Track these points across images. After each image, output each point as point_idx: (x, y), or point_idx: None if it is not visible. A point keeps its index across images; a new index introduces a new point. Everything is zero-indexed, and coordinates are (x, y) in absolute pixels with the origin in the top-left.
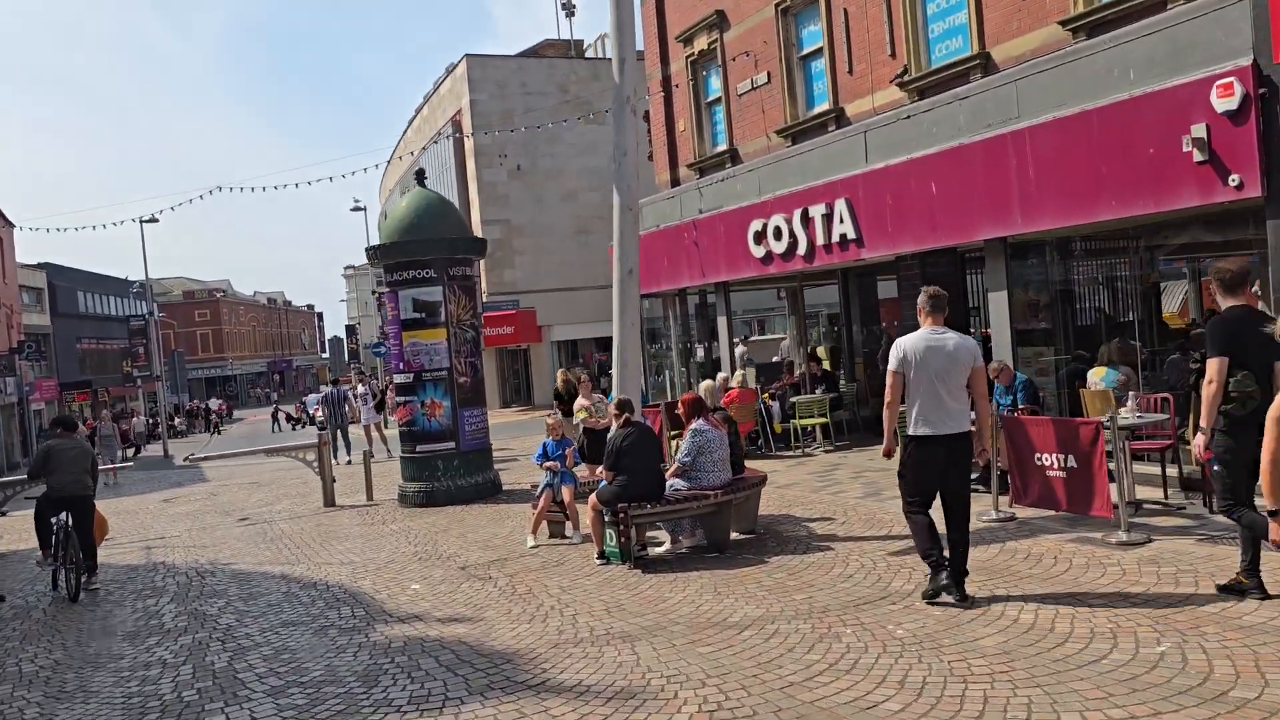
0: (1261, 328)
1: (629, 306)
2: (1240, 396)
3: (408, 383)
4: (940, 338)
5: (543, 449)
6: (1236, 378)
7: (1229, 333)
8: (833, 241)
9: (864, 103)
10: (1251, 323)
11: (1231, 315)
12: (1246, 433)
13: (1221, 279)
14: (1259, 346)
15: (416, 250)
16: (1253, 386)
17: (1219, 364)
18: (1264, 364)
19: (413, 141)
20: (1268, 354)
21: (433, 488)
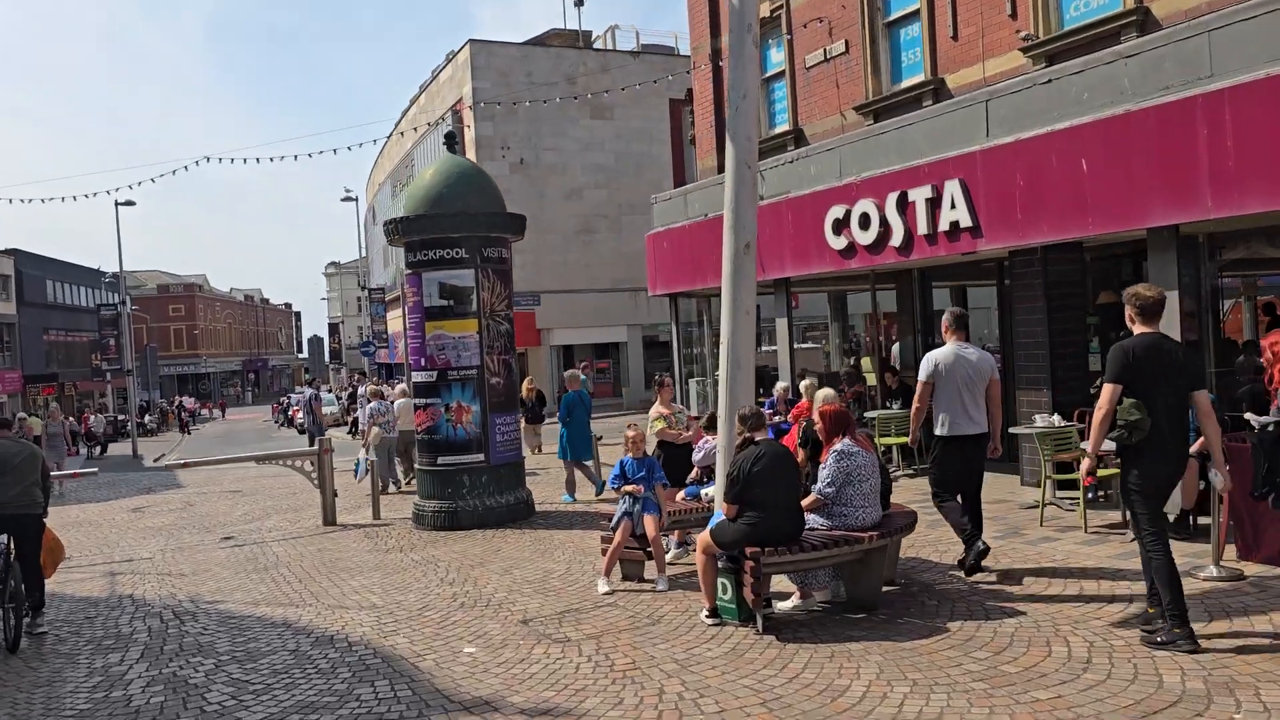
0: (1171, 354)
1: (743, 291)
2: (1125, 425)
3: (430, 382)
4: (965, 352)
5: (620, 468)
6: (1123, 406)
7: (1126, 361)
8: (939, 230)
9: (971, 72)
10: (1156, 351)
11: (1134, 343)
12: (1148, 462)
13: (1139, 305)
14: (1160, 376)
15: (446, 225)
16: (1137, 416)
17: (1112, 391)
18: (1169, 392)
19: (409, 133)
20: (1175, 383)
21: (457, 507)
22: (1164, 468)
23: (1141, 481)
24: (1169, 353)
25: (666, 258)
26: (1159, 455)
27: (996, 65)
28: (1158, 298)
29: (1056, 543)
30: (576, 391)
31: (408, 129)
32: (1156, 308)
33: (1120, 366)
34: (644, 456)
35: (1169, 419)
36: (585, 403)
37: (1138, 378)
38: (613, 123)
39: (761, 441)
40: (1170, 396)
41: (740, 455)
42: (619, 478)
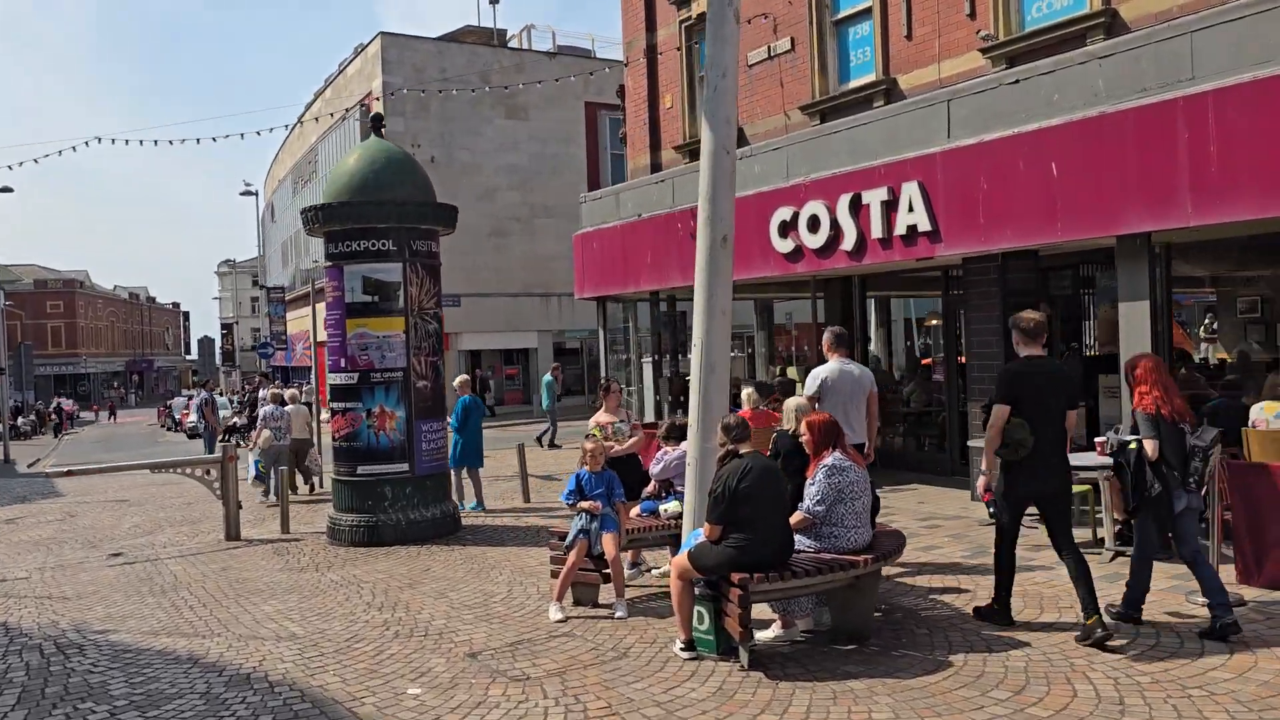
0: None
1: (719, 289)
2: (1012, 444)
3: (350, 385)
4: (848, 368)
5: (575, 482)
6: (1010, 425)
7: (1012, 383)
8: (895, 234)
9: (926, 73)
10: (1037, 372)
11: (1019, 366)
12: (1025, 476)
13: (1024, 329)
14: (1043, 396)
15: (372, 215)
16: (1023, 435)
17: (1000, 411)
18: (1051, 412)
19: (311, 127)
20: (1056, 402)
21: (378, 521)
22: (1038, 482)
23: (1012, 492)
24: (1051, 374)
25: (595, 259)
26: (1038, 469)
27: (953, 66)
28: (1041, 321)
29: (1031, 563)
30: (472, 397)
31: (311, 122)
32: (1041, 330)
33: (1007, 388)
34: (602, 470)
35: (1049, 437)
36: (480, 409)
37: (1023, 398)
38: (528, 123)
39: (747, 455)
40: (1051, 415)
41: (724, 470)
42: (574, 493)
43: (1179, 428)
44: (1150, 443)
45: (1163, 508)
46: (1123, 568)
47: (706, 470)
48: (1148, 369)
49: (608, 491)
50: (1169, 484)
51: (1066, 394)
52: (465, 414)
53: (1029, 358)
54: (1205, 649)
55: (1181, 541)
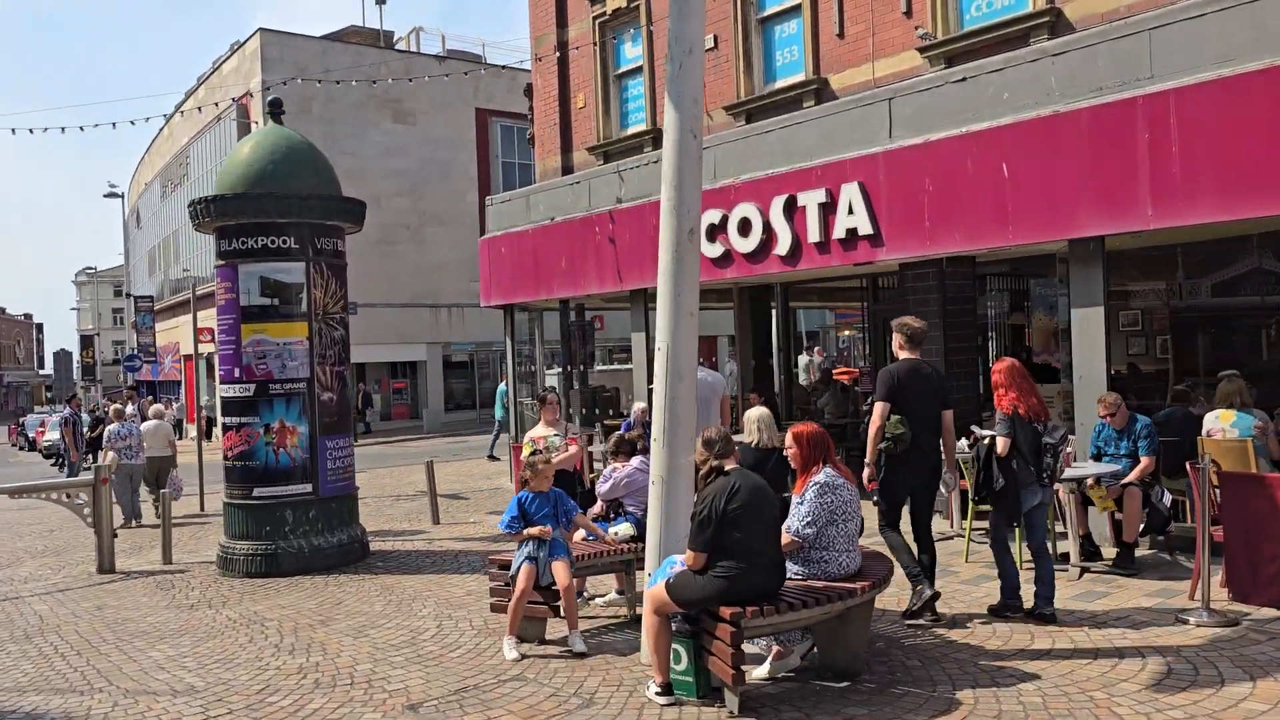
0: (929, 378)
1: (687, 286)
2: (893, 437)
3: (245, 398)
4: (703, 375)
5: (517, 507)
6: (891, 421)
7: (893, 383)
8: (833, 238)
9: (859, 73)
10: (916, 374)
11: (899, 367)
12: (902, 468)
13: (908, 334)
14: (920, 396)
15: (273, 209)
16: (903, 430)
17: (881, 408)
18: (926, 410)
19: (182, 127)
20: (931, 402)
21: (278, 549)
22: (915, 474)
23: (894, 483)
24: (927, 377)
25: (504, 265)
26: (915, 463)
27: (889, 66)
28: (923, 328)
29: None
30: None
31: (182, 122)
32: (922, 335)
33: (888, 388)
34: (546, 490)
35: (925, 433)
36: None
37: (902, 398)
38: (416, 128)
39: (733, 471)
40: (927, 414)
41: (708, 490)
42: (516, 519)
43: (1034, 426)
44: (1002, 440)
45: (1009, 500)
46: (1095, 584)
47: (675, 490)
48: (1004, 371)
49: (554, 512)
50: (1017, 479)
51: (941, 395)
52: None
53: (908, 360)
54: (1224, 677)
55: (1031, 532)
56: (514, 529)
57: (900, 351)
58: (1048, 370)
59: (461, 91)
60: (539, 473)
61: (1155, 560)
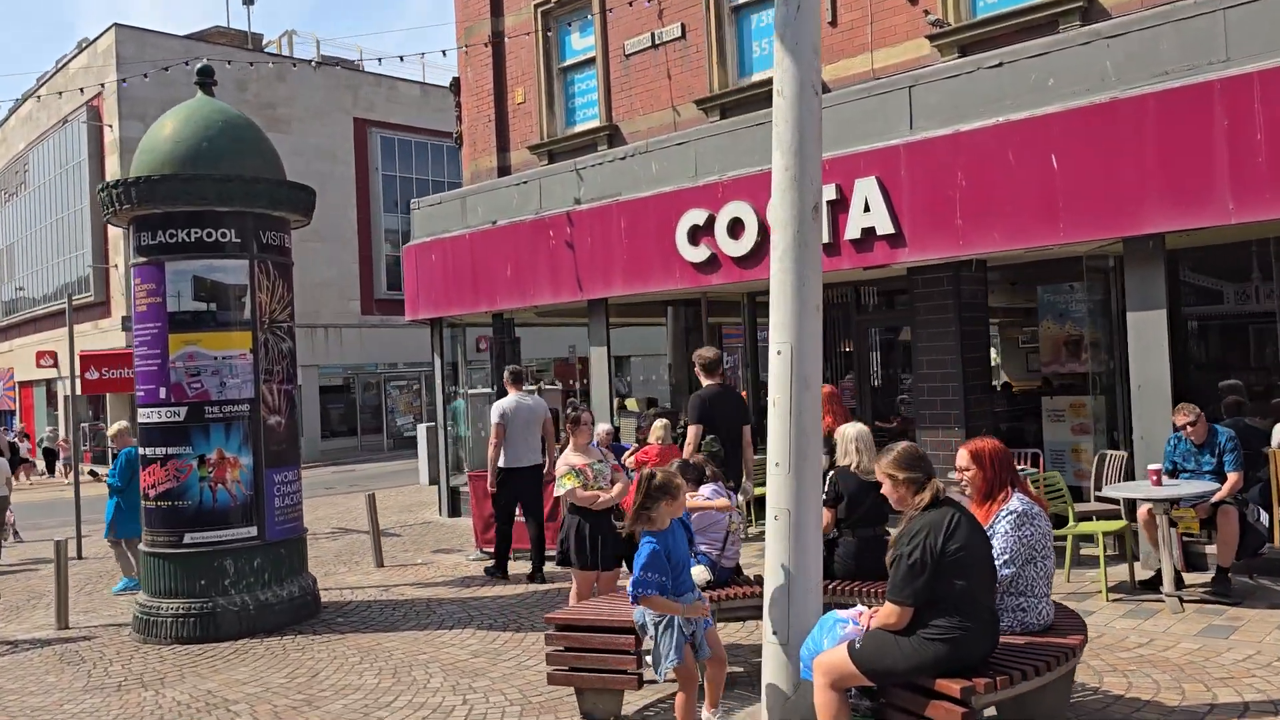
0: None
1: (810, 274)
2: (708, 455)
3: (174, 424)
4: (524, 400)
5: (655, 558)
6: (706, 440)
7: (703, 407)
8: (844, 239)
9: (855, 63)
10: (721, 397)
11: (707, 393)
12: None
13: (702, 364)
14: (726, 416)
15: (210, 194)
16: (717, 447)
17: (697, 430)
18: (732, 428)
19: (18, 131)
20: (736, 421)
21: (216, 608)
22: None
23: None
24: (730, 400)
25: (435, 274)
26: (729, 471)
27: (891, 56)
28: (716, 357)
29: (1094, 615)
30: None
31: (18, 126)
32: (718, 363)
33: (700, 411)
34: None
35: (730, 449)
36: None
37: (711, 419)
38: (290, 137)
39: (946, 504)
40: (733, 432)
41: (921, 524)
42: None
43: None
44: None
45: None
46: (1208, 616)
47: (804, 524)
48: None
49: (684, 560)
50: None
51: (741, 415)
52: (130, 468)
53: (711, 385)
54: None
55: None
56: (650, 590)
57: (703, 378)
58: (1055, 380)
59: (339, 100)
60: (669, 501)
61: (1241, 586)
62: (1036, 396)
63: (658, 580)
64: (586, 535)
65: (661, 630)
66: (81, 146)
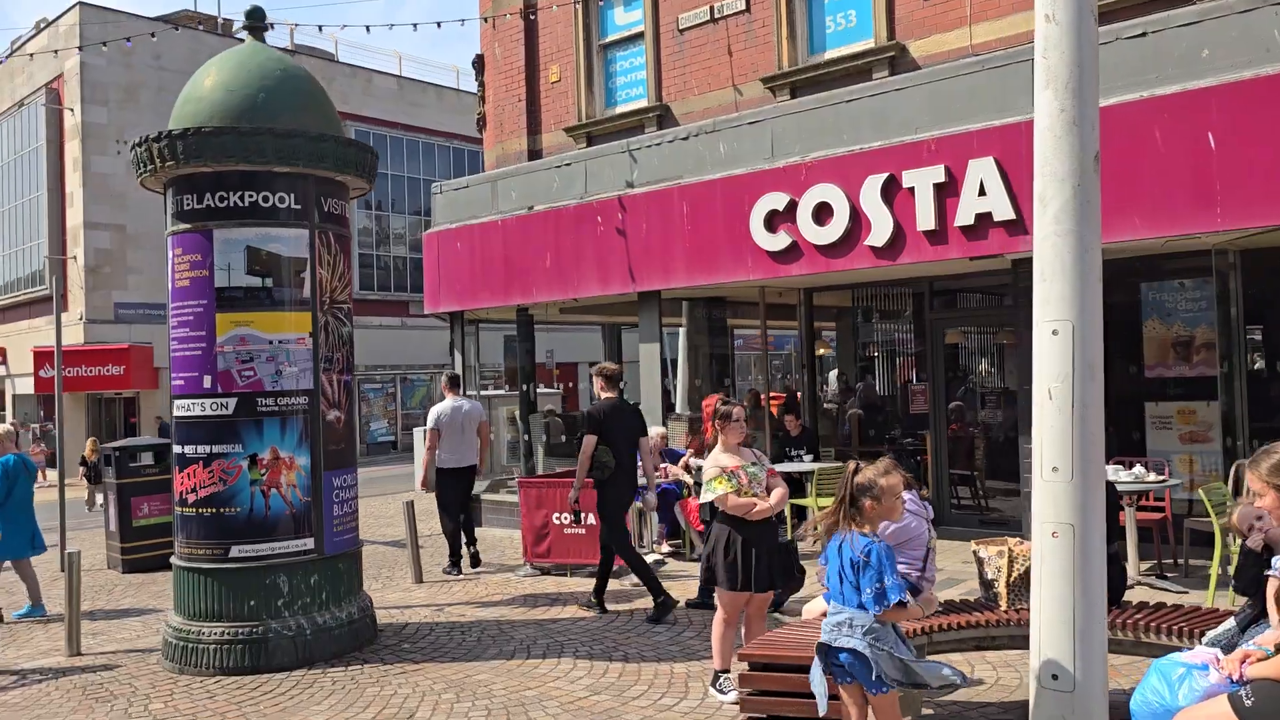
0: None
1: (1092, 236)
2: (598, 466)
3: (221, 418)
4: (460, 404)
5: (886, 557)
6: (598, 451)
7: (598, 419)
8: (953, 225)
9: (950, 38)
10: (618, 411)
11: (601, 406)
12: (613, 489)
13: (606, 376)
14: (621, 429)
15: (269, 151)
16: (608, 459)
17: (591, 441)
18: (627, 440)
19: None
20: (630, 434)
21: (269, 633)
22: (624, 492)
23: (612, 502)
24: (626, 412)
25: (460, 264)
26: (621, 483)
27: (995, 30)
28: (618, 371)
29: None
30: (19, 456)
31: None
32: (618, 378)
33: (594, 424)
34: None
35: (626, 458)
36: (31, 472)
37: (607, 431)
38: None
39: None
40: (628, 443)
41: None
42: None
43: None
44: None
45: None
46: None
47: (1089, 541)
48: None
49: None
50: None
51: (637, 426)
52: (9, 481)
53: (609, 399)
54: None
55: None
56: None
57: (602, 392)
58: (1164, 384)
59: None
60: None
61: None
62: (1136, 402)
63: (898, 584)
64: (738, 550)
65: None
66: (39, 131)
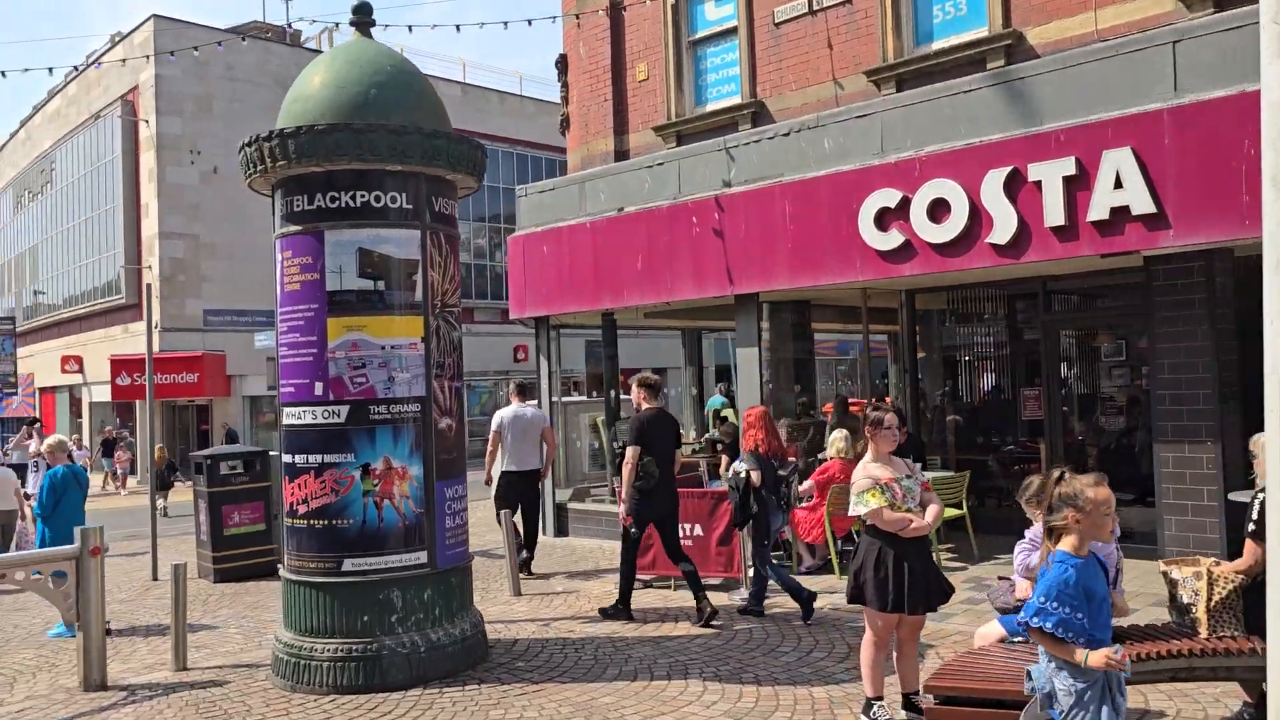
0: (668, 423)
1: None
2: (645, 475)
3: (333, 426)
4: (523, 410)
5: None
6: (644, 461)
7: (641, 429)
8: (1086, 220)
9: (1072, 24)
10: (659, 421)
11: (646, 415)
12: (651, 500)
13: (650, 386)
14: (663, 439)
15: (383, 149)
16: (654, 469)
17: (633, 451)
18: (665, 451)
19: (44, 130)
20: (670, 444)
21: (382, 650)
22: (660, 505)
23: (645, 512)
24: (667, 423)
25: (546, 268)
26: (661, 494)
27: (1122, 14)
28: (659, 381)
29: None
30: (68, 467)
31: (44, 124)
32: (659, 388)
33: (639, 433)
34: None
35: (667, 469)
36: (82, 483)
37: (650, 442)
38: None
39: None
40: (668, 454)
41: None
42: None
43: (771, 462)
44: (755, 472)
45: (760, 522)
46: None
47: None
48: (755, 417)
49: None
50: (766, 505)
51: (676, 438)
52: (57, 493)
53: (651, 409)
54: None
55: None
56: (1050, 622)
57: (644, 402)
58: None
59: None
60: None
61: None
62: None
63: (1067, 616)
64: (889, 567)
65: (1087, 701)
66: (115, 143)
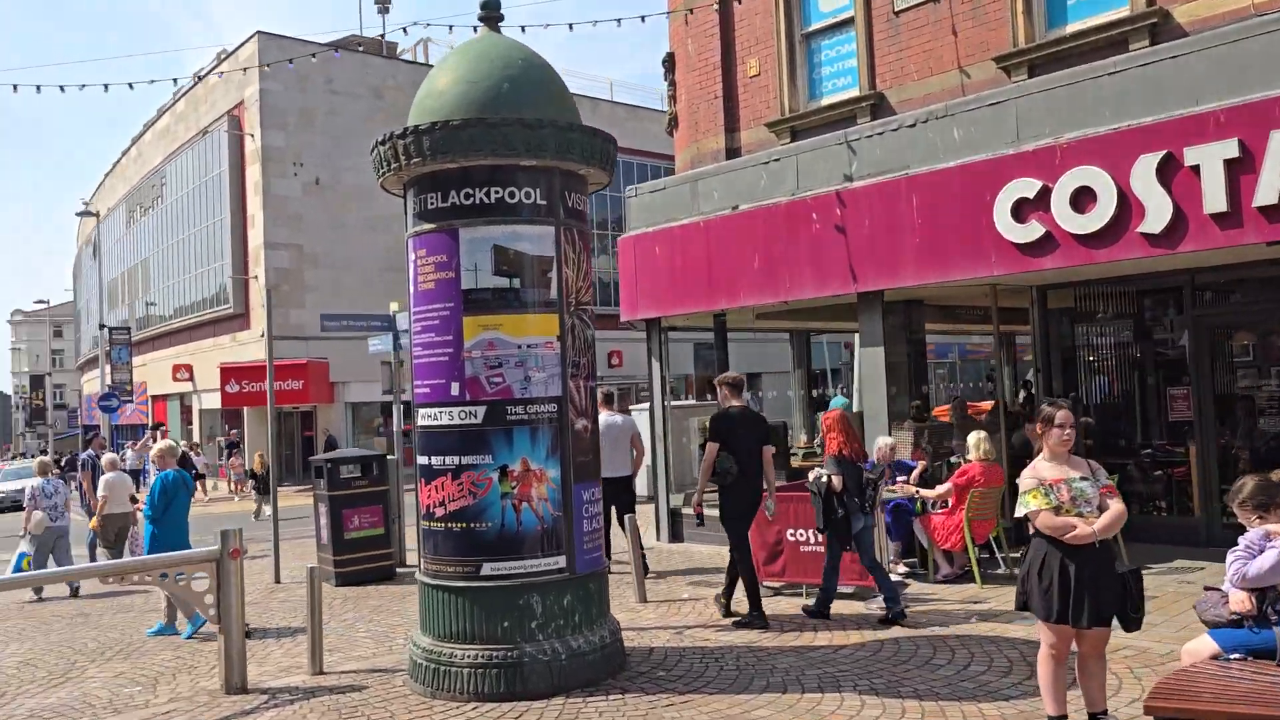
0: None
1: None
2: (721, 472)
3: (470, 427)
4: (613, 419)
5: None
6: (721, 457)
7: (721, 426)
8: (1249, 206)
9: (1222, 0)
10: (741, 418)
11: (728, 412)
12: (729, 497)
13: (731, 384)
14: (745, 437)
15: (518, 144)
16: (729, 465)
17: (714, 448)
18: (748, 449)
19: (152, 145)
20: (754, 442)
21: (523, 656)
22: (746, 498)
23: (732, 509)
24: (751, 420)
25: (657, 269)
26: (742, 490)
27: None
28: (741, 380)
29: None
30: (178, 471)
31: (155, 141)
32: (742, 386)
33: (718, 431)
34: None
35: (749, 466)
36: (189, 487)
37: (731, 438)
38: None
39: None
40: (751, 450)
41: None
42: None
43: (857, 465)
44: (835, 477)
45: (842, 527)
46: None
47: None
48: (833, 420)
49: None
50: (849, 509)
51: (761, 434)
52: (168, 496)
53: (735, 406)
54: None
55: (862, 551)
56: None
57: (727, 401)
58: None
59: None
60: None
61: None
62: None
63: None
64: (1055, 574)
65: None
66: (221, 157)
